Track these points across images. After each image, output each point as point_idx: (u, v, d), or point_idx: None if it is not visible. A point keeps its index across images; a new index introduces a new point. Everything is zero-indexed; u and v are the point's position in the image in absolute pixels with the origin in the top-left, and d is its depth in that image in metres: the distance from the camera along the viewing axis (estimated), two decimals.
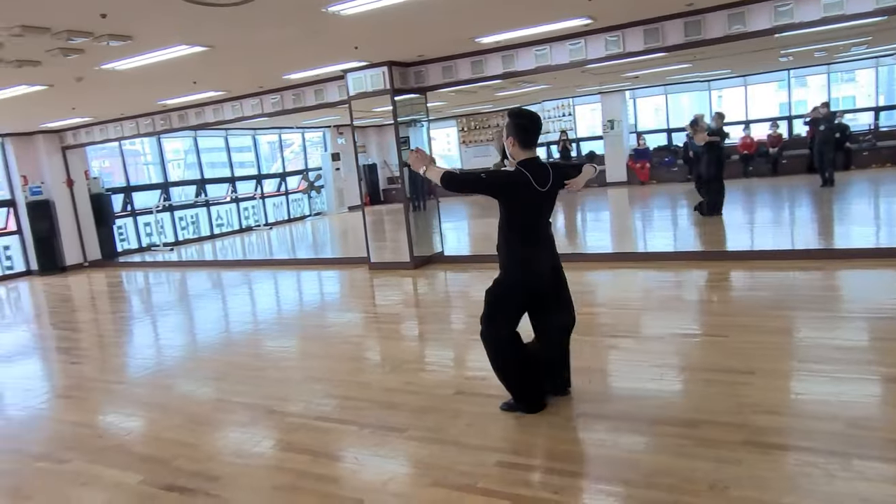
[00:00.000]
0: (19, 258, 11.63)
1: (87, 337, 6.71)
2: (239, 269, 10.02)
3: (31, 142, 11.42)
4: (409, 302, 6.79)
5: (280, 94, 9.03)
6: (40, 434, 3.94)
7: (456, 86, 7.98)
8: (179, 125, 10.17)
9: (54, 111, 8.97)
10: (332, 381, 4.25)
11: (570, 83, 13.67)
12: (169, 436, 3.66)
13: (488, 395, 3.69)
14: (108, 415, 4.24)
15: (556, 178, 3.40)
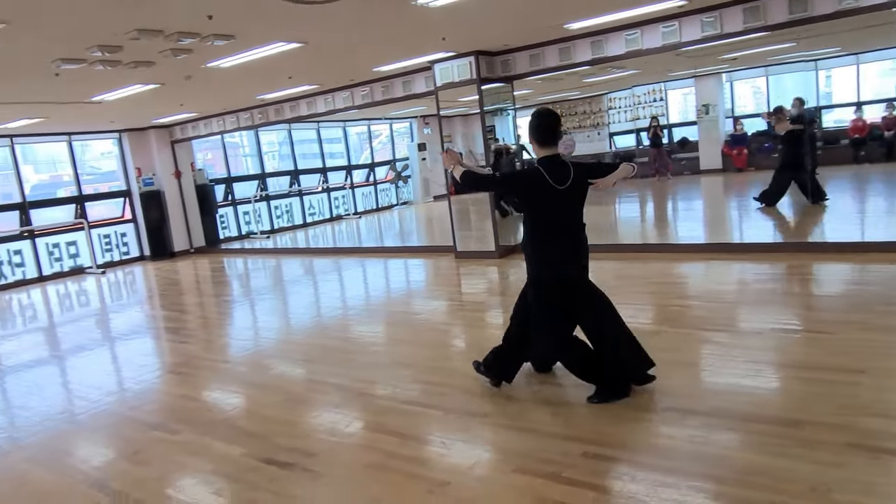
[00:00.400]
0: (134, 244, 12.60)
1: (193, 318, 7.21)
2: (329, 256, 10.40)
3: (144, 136, 12.31)
4: (494, 290, 6.83)
5: (369, 87, 9.26)
6: (155, 406, 4.29)
7: (543, 74, 7.89)
8: (275, 118, 10.64)
9: (165, 107, 9.62)
10: (419, 367, 4.36)
11: (661, 67, 13.17)
12: (269, 413, 3.89)
13: (573, 384, 3.67)
14: (213, 391, 4.55)
15: (579, 177, 3.39)
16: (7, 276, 10.81)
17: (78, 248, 11.69)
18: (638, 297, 5.67)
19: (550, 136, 3.37)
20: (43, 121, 9.17)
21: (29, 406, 4.56)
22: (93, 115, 9.48)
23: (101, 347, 6.27)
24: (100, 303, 9.05)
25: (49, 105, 7.81)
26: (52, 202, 11.82)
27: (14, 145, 10.81)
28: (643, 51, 6.98)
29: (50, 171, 13.42)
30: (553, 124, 3.38)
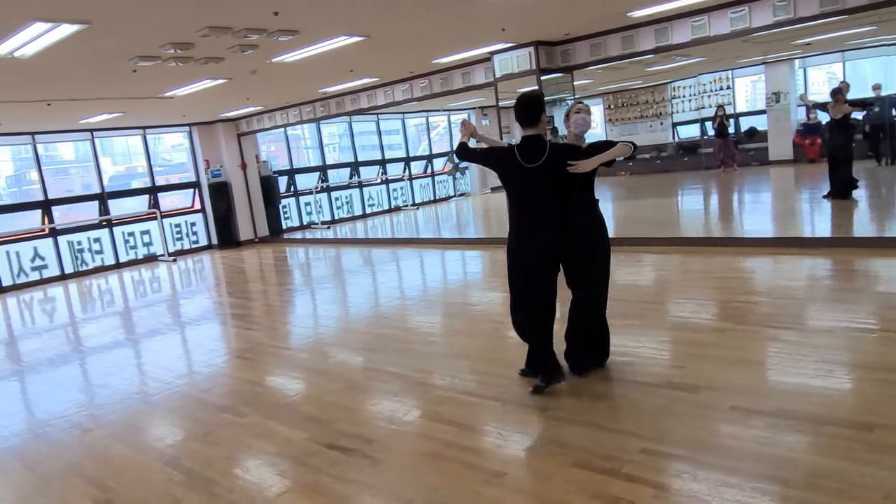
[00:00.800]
0: (203, 233, 13.13)
1: (257, 306, 7.47)
2: (388, 246, 10.56)
3: (212, 130, 12.78)
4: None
5: (428, 79, 9.31)
6: (224, 389, 4.48)
7: (604, 63, 7.76)
8: (336, 111, 10.85)
9: (232, 102, 9.96)
10: (476, 358, 4.39)
11: (729, 54, 12.68)
12: (330, 399, 4.01)
13: (633, 381, 3.63)
14: (277, 377, 4.71)
15: (554, 156, 3.46)
16: (88, 262, 11.46)
17: (151, 236, 12.27)
18: (702, 291, 5.53)
19: (525, 118, 3.53)
20: (120, 115, 9.64)
21: (109, 385, 4.85)
22: (165, 110, 9.91)
23: (174, 332, 6.59)
24: (171, 289, 9.49)
25: (126, 100, 8.22)
26: (127, 193, 12.44)
27: (94, 139, 11.43)
28: (710, 38, 6.75)
29: (125, 162, 14.18)
30: (528, 107, 3.52)
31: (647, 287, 6.15)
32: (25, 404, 4.84)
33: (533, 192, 3.55)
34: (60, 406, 4.47)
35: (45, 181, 10.91)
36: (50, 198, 11.00)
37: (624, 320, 4.83)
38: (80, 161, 13.47)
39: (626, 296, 5.71)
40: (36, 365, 5.73)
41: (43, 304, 9.49)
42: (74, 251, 11.30)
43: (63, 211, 11.21)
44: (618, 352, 4.18)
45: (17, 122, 9.27)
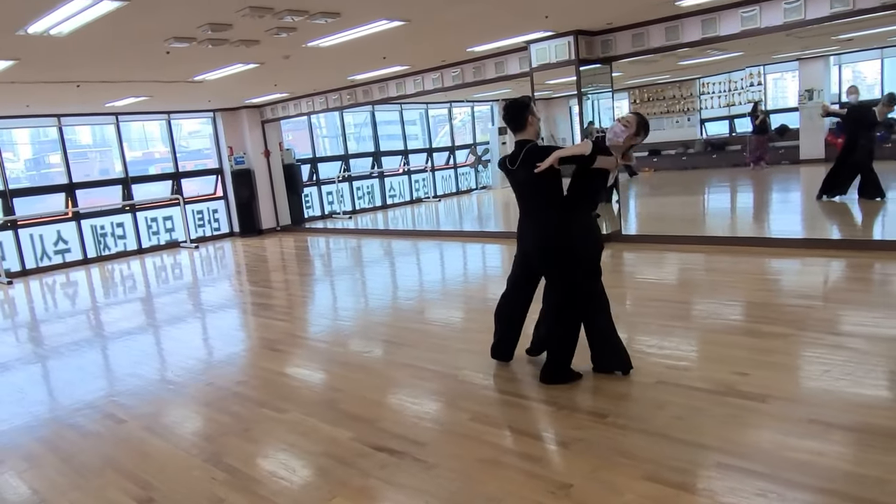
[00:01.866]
0: (224, 221, 13.04)
1: (283, 295, 7.34)
2: (409, 238, 10.38)
3: (237, 116, 12.65)
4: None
5: (460, 68, 9.10)
6: (259, 382, 4.34)
7: (646, 54, 7.50)
8: (364, 100, 10.67)
9: (259, 88, 9.81)
10: (520, 358, 4.21)
11: (766, 49, 12.35)
12: (372, 396, 3.85)
13: (695, 388, 3.44)
14: (313, 370, 4.56)
15: (526, 158, 3.55)
16: (110, 247, 11.40)
17: (174, 222, 12.19)
18: (750, 293, 5.31)
19: (511, 123, 3.67)
20: (147, 99, 9.52)
21: (139, 374, 4.73)
22: (192, 95, 9.78)
23: (199, 320, 6.47)
24: (194, 276, 9.39)
25: (155, 84, 8.09)
26: (150, 178, 12.36)
27: (119, 122, 11.33)
28: (760, 30, 6.49)
29: (142, 148, 14.09)
30: (512, 113, 3.64)
31: (688, 287, 5.94)
32: (53, 391, 4.73)
33: (518, 193, 3.78)
34: (90, 394, 4.35)
35: (69, 163, 10.84)
36: (74, 181, 10.92)
37: (670, 322, 4.64)
38: (98, 145, 13.42)
39: (667, 296, 5.53)
40: (62, 350, 5.63)
41: (66, 288, 9.43)
42: (97, 235, 11.24)
43: (82, 195, 11.14)
44: (672, 356, 3.99)
45: (44, 104, 9.17)
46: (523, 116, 3.61)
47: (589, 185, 3.58)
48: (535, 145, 3.60)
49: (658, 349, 4.14)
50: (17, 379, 4.94)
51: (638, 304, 5.40)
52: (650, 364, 3.87)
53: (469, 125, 18.08)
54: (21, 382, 4.85)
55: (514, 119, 3.63)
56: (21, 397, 4.48)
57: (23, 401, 4.40)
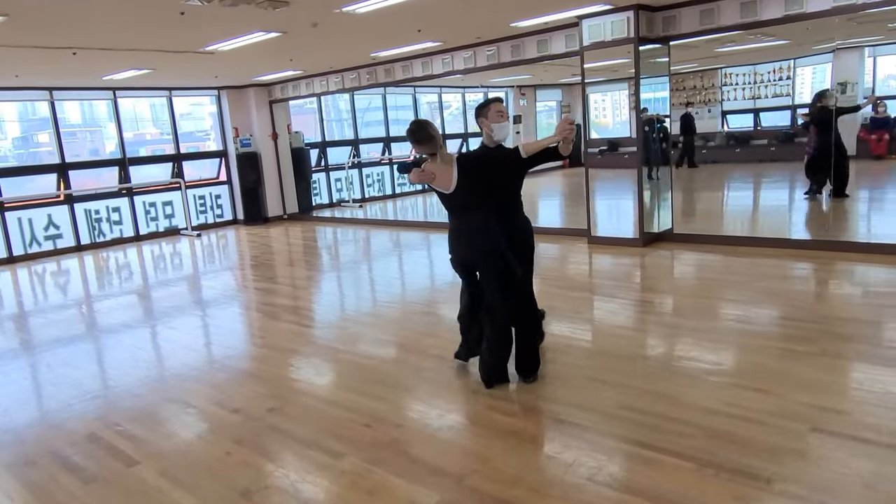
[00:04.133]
0: (228, 207, 12.19)
1: (304, 294, 6.56)
2: (421, 230, 9.61)
3: (243, 95, 11.78)
4: (657, 287, 5.80)
5: (496, 46, 8.29)
6: (298, 410, 3.56)
7: (714, 33, 6.72)
8: (384, 80, 9.84)
9: (273, 63, 8.97)
10: (621, 387, 3.46)
11: (809, 39, 11.62)
12: (446, 436, 3.09)
13: (879, 444, 2.70)
14: (367, 398, 3.74)
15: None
16: (106, 233, 10.55)
17: (174, 208, 11.34)
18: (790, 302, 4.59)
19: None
20: (148, 73, 8.66)
21: (141, 393, 3.95)
22: (198, 69, 8.93)
23: (209, 320, 5.68)
24: (195, 268, 8.59)
25: (161, 55, 7.24)
26: (149, 160, 11.50)
27: (117, 98, 10.45)
28: (856, 6, 5.73)
29: (133, 129, 13.15)
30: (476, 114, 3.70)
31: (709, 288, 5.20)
32: (41, 407, 3.95)
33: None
34: (86, 417, 3.57)
35: (62, 142, 9.96)
36: (67, 161, 10.05)
37: (785, 344, 3.89)
38: (88, 124, 12.50)
39: (749, 307, 4.73)
40: (48, 353, 4.83)
41: (56, 277, 8.60)
42: (92, 220, 10.38)
43: (75, 177, 10.26)
44: (816, 388, 3.25)
45: (36, 75, 8.29)
46: (477, 119, 3.66)
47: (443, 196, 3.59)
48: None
49: (784, 381, 3.40)
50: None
51: (721, 317, 4.65)
52: (790, 403, 3.12)
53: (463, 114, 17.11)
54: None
55: (476, 119, 3.69)
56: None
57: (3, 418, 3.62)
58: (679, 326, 4.53)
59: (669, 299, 5.28)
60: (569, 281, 6.22)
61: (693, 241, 7.14)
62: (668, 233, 7.45)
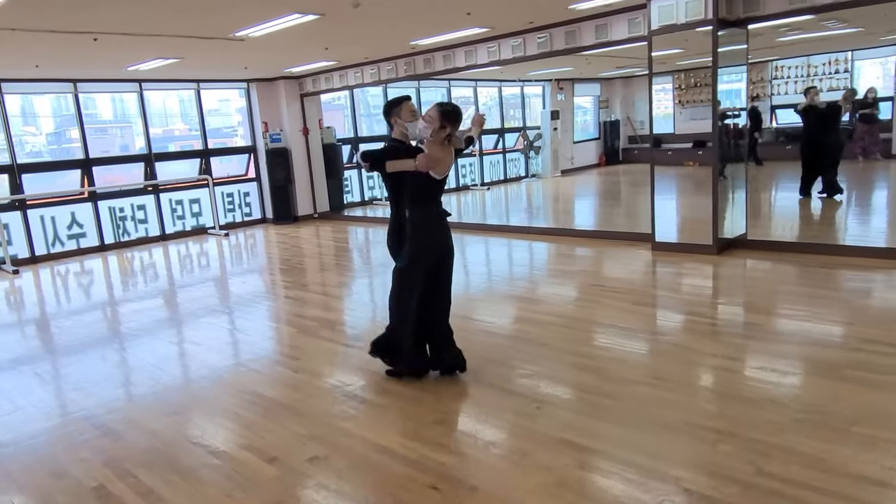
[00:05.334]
0: (257, 206, 11.68)
1: (357, 305, 5.95)
2: (455, 232, 8.95)
3: (273, 88, 11.25)
4: (748, 304, 5.05)
5: (548, 33, 7.58)
6: (344, 460, 2.94)
7: (805, 14, 6.00)
8: (424, 70, 9.18)
9: (306, 52, 8.38)
10: (750, 442, 2.77)
11: (881, 28, 10.71)
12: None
13: None
14: (425, 444, 3.14)
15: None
16: (131, 232, 10.09)
17: (201, 206, 10.85)
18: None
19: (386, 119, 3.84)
20: (175, 63, 8.14)
21: (163, 433, 3.36)
22: (227, 58, 8.38)
23: (237, 335, 5.10)
24: (223, 269, 8.05)
25: (188, 41, 6.68)
26: (175, 155, 11.01)
27: (143, 90, 9.97)
28: None
29: (162, 124, 12.72)
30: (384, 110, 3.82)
31: None
32: (63, 435, 3.39)
33: None
34: (115, 451, 3.00)
35: (86, 136, 9.51)
36: (91, 156, 9.60)
37: None
38: (119, 121, 12.11)
39: (851, 326, 3.99)
40: (67, 362, 4.29)
41: (80, 278, 8.14)
42: (116, 219, 9.93)
43: (100, 173, 9.81)
44: None
45: (56, 64, 7.81)
46: (388, 117, 3.74)
47: (411, 187, 3.56)
48: (386, 146, 3.80)
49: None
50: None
51: (830, 341, 3.91)
52: None
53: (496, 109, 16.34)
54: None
55: (384, 116, 3.80)
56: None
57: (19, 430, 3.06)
58: (807, 360, 3.80)
59: (777, 323, 4.54)
60: (645, 296, 5.50)
61: (770, 249, 6.38)
62: (742, 239, 6.69)
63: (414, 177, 3.49)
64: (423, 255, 3.60)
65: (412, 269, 3.61)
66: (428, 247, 3.60)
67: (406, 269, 3.65)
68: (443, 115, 3.42)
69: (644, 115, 17.33)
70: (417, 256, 3.60)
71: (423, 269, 3.60)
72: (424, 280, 3.62)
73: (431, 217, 3.58)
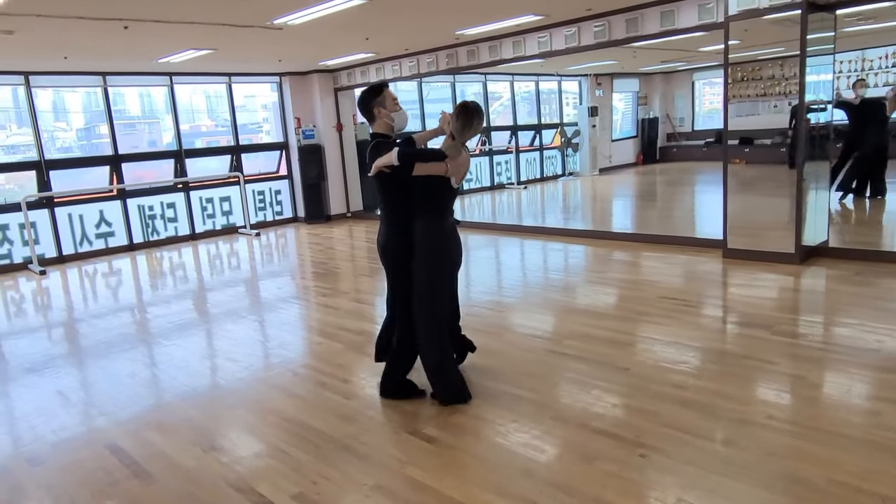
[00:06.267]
0: (288, 204, 11.28)
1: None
2: (490, 233, 8.42)
3: (306, 82, 10.83)
4: (867, 327, 4.44)
5: (607, 21, 7.02)
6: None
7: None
8: (468, 63, 8.66)
9: (346, 42, 7.91)
10: None
11: None
12: None
13: None
14: (514, 501, 2.64)
15: (370, 156, 3.30)
16: (160, 231, 9.75)
17: (231, 204, 10.48)
18: None
19: (363, 113, 3.43)
20: (208, 54, 7.73)
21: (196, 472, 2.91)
22: (262, 49, 7.95)
23: (272, 353, 4.65)
24: (253, 270, 7.63)
25: (222, 30, 6.25)
26: (206, 151, 10.65)
27: (173, 85, 9.62)
28: None
29: (188, 121, 12.40)
30: (360, 102, 3.41)
31: None
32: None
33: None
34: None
35: (115, 131, 9.18)
36: (120, 153, 9.27)
37: None
38: (147, 117, 11.81)
39: None
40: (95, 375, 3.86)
41: (108, 278, 7.80)
42: (145, 217, 9.59)
43: (129, 170, 9.48)
44: None
45: (85, 56, 7.45)
46: (370, 108, 3.33)
47: (426, 194, 3.25)
48: (381, 142, 3.29)
49: None
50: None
51: None
52: None
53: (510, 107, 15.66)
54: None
55: (363, 111, 3.39)
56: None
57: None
58: None
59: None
60: (732, 313, 4.93)
61: (857, 258, 5.77)
62: (824, 246, 6.08)
63: (431, 182, 3.19)
64: (447, 268, 3.39)
65: (439, 289, 3.35)
66: (445, 254, 3.34)
67: (433, 293, 3.33)
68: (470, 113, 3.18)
69: (683, 112, 16.64)
70: (441, 272, 3.35)
71: (447, 287, 3.43)
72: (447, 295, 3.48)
73: (441, 227, 3.30)
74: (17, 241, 8.42)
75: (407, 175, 3.18)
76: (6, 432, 3.53)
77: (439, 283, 3.38)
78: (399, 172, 3.17)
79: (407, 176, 3.19)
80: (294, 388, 3.87)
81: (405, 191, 3.29)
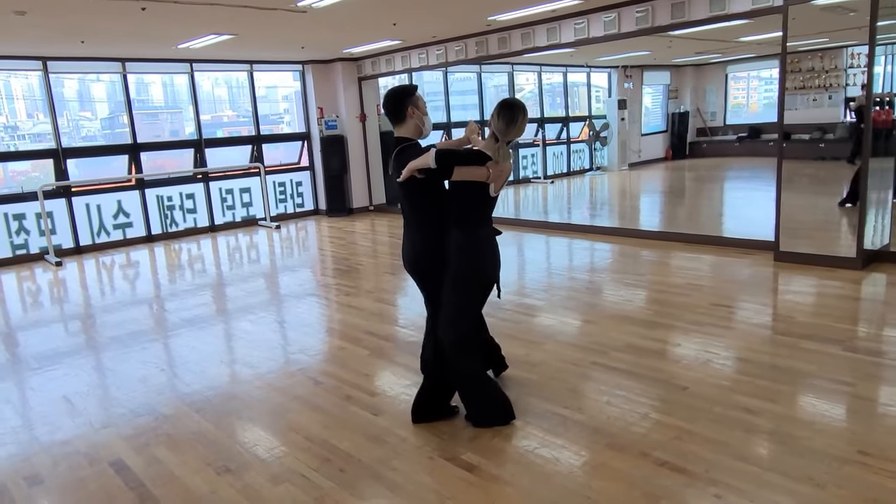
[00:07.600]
0: (309, 196, 11.00)
1: (417, 321, 5.14)
2: (515, 228, 8.03)
3: (330, 70, 10.51)
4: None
5: (650, 5, 6.59)
6: None
7: None
8: (497, 51, 8.27)
9: (372, 28, 7.57)
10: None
11: None
12: None
13: None
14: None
15: (398, 162, 2.96)
16: (178, 222, 9.51)
17: (251, 196, 10.21)
18: None
19: (390, 116, 3.05)
20: (229, 39, 7.43)
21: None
22: (285, 35, 7.64)
23: (294, 361, 4.33)
24: (273, 265, 7.34)
25: (245, 12, 5.93)
26: (226, 141, 10.39)
27: (194, 72, 9.35)
28: None
29: (210, 111, 12.16)
30: (388, 104, 3.04)
31: None
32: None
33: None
34: None
35: (133, 119, 8.94)
36: (139, 141, 9.03)
37: None
38: (170, 107, 11.60)
39: None
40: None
41: (125, 270, 7.57)
42: (164, 208, 9.36)
43: (148, 159, 9.24)
44: None
45: (102, 41, 7.19)
46: (403, 107, 2.98)
47: (463, 198, 2.92)
48: (408, 145, 2.96)
49: None
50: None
51: None
52: None
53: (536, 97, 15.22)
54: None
55: (394, 110, 3.01)
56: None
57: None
58: None
59: None
60: (795, 325, 4.52)
61: None
62: (885, 251, 5.62)
63: (467, 189, 2.88)
64: (482, 287, 3.05)
65: (472, 308, 3.05)
66: (482, 269, 3.01)
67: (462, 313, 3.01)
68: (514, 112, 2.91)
69: (715, 106, 16.07)
70: (475, 291, 3.02)
71: (481, 301, 3.11)
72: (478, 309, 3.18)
73: (476, 238, 2.97)
74: (35, 230, 8.22)
75: (441, 181, 2.88)
76: (7, 443, 3.25)
77: (473, 303, 3.05)
78: (433, 178, 2.85)
79: (441, 182, 2.89)
80: (316, 399, 3.55)
81: (437, 196, 2.97)
